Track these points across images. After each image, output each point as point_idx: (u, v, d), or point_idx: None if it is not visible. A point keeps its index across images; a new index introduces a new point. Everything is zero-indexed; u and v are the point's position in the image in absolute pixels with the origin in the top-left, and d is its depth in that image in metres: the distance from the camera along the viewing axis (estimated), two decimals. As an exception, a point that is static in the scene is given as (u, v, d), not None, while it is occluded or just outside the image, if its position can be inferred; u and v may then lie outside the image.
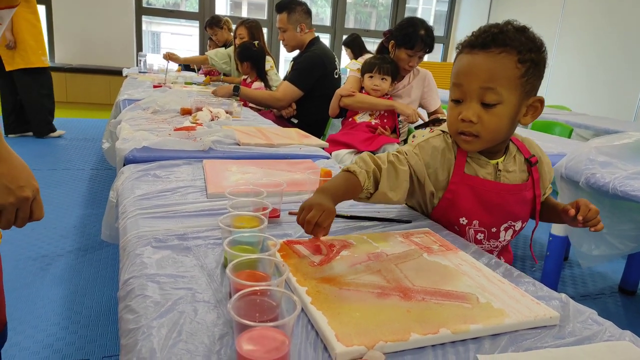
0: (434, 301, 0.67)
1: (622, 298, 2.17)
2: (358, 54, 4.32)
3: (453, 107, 0.97)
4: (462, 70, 0.94)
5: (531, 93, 0.94)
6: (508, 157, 1.03)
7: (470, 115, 0.93)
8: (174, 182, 1.17)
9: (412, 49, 2.15)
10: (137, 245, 0.81)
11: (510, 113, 0.93)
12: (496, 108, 0.92)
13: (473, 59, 0.92)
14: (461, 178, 1.01)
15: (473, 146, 0.98)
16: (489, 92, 0.91)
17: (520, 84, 0.91)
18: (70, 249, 2.18)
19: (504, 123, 0.94)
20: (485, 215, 1.02)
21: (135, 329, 0.58)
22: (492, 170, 1.01)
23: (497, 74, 0.90)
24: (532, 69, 0.91)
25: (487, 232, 1.04)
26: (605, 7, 5.00)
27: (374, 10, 7.77)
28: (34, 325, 1.59)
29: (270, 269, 0.65)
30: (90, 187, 3.06)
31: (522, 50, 0.90)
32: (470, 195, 1.01)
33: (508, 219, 1.04)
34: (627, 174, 1.54)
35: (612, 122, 3.24)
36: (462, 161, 1.01)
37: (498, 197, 1.01)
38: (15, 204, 0.72)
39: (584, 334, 0.64)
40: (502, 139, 0.99)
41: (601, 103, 4.93)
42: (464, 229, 1.03)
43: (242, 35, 3.52)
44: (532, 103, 0.96)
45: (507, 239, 1.07)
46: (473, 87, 0.92)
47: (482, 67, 0.91)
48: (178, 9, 6.63)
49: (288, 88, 2.75)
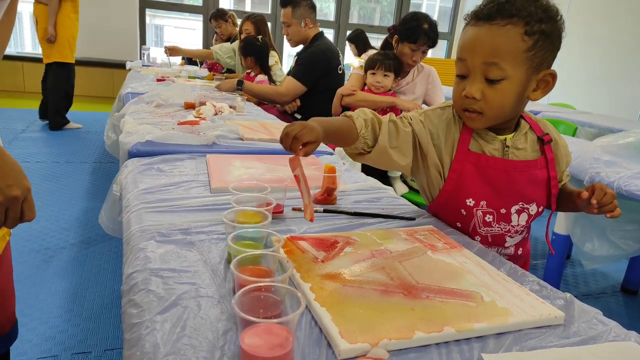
0: (438, 299, 0.67)
1: (624, 297, 2.17)
2: (362, 50, 4.31)
3: (458, 83, 0.93)
4: (466, 44, 0.90)
5: (541, 66, 0.89)
6: (518, 133, 0.98)
7: (473, 91, 0.89)
8: (178, 177, 1.17)
9: (416, 43, 2.14)
10: (141, 239, 0.81)
11: (516, 89, 0.89)
12: (501, 84, 0.88)
13: (477, 32, 0.88)
14: (465, 156, 0.97)
15: (477, 123, 0.94)
16: (493, 68, 0.87)
17: (527, 58, 0.86)
18: (73, 241, 2.18)
19: (509, 100, 0.90)
20: (492, 195, 0.97)
21: (139, 323, 0.58)
22: (500, 147, 0.97)
23: (500, 48, 0.85)
24: (542, 41, 0.86)
25: (497, 214, 0.98)
26: (610, 6, 4.97)
27: (378, 5, 7.74)
28: (36, 318, 1.60)
29: (274, 265, 0.65)
30: (93, 180, 3.06)
31: (531, 21, 0.85)
32: (475, 173, 0.97)
33: (519, 200, 0.98)
34: (631, 174, 1.53)
35: (616, 121, 3.23)
36: (467, 138, 0.98)
37: (505, 175, 0.96)
38: (3, 203, 0.69)
39: (589, 334, 0.64)
40: (509, 116, 0.95)
41: (605, 101, 4.91)
42: (471, 211, 0.98)
43: (248, 30, 3.50)
44: (543, 77, 0.90)
45: (521, 223, 1.00)
46: (476, 63, 0.88)
47: (486, 41, 0.87)
48: (182, 2, 6.60)
49: (292, 83, 2.75)
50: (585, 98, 5.05)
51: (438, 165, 1.00)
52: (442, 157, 0.99)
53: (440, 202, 1.02)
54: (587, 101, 4.95)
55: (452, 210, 1.01)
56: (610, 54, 4.91)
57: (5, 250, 0.88)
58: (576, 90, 5.17)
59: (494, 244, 1.02)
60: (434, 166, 1.00)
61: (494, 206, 0.98)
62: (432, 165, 1.00)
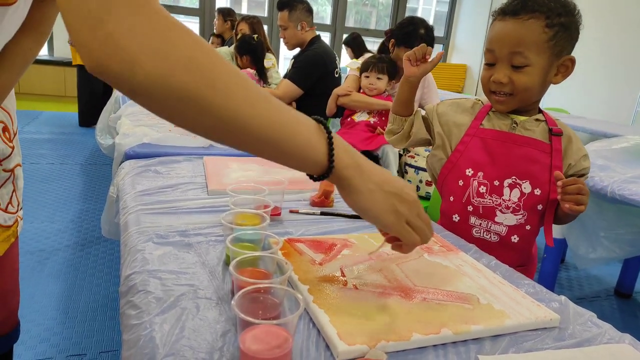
0: (435, 301, 0.68)
1: (617, 301, 2.18)
2: (358, 53, 4.32)
3: (486, 69, 1.04)
4: (494, 36, 1.01)
5: (562, 53, 0.99)
6: (531, 118, 1.06)
7: (500, 77, 1.00)
8: (175, 179, 1.17)
9: (411, 48, 2.16)
10: (139, 240, 0.81)
11: (539, 73, 0.99)
12: (525, 70, 0.98)
13: (504, 25, 0.99)
14: (475, 131, 1.08)
15: (506, 105, 1.04)
16: (518, 56, 0.97)
17: (549, 47, 0.97)
18: (67, 243, 2.17)
19: (534, 81, 0.99)
20: (489, 166, 1.05)
21: (137, 324, 0.58)
22: (509, 123, 1.06)
23: (525, 39, 0.96)
24: (562, 32, 0.97)
25: (490, 185, 1.05)
26: (604, 12, 5.01)
27: (374, 9, 7.77)
28: (30, 320, 1.59)
29: (272, 267, 0.65)
30: (88, 182, 3.05)
31: (551, 15, 0.96)
32: (480, 146, 1.06)
33: (512, 174, 1.03)
34: (625, 178, 1.55)
35: (610, 126, 3.25)
36: (481, 116, 1.09)
37: (502, 146, 1.04)
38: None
39: (584, 336, 0.64)
40: (534, 97, 1.04)
41: (599, 106, 4.94)
42: (468, 180, 1.06)
43: (243, 30, 3.51)
44: (563, 62, 1.01)
45: (513, 199, 1.03)
46: (504, 52, 0.99)
47: (512, 33, 0.97)
48: (177, 4, 6.60)
49: (288, 86, 2.75)
50: (579, 103, 5.09)
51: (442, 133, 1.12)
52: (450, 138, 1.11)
53: (444, 173, 1.11)
54: (582, 106, 4.99)
55: (451, 184, 1.09)
56: (605, 59, 4.95)
57: (11, 251, 0.87)
58: (570, 95, 5.21)
59: (485, 217, 1.06)
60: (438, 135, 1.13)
61: (489, 177, 1.05)
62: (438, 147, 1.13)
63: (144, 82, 0.43)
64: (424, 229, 0.61)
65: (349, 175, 0.56)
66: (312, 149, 0.54)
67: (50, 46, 5.98)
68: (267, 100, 0.51)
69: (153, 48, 0.43)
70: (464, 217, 1.08)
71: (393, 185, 0.58)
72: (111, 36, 0.41)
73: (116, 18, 0.41)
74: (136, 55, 0.42)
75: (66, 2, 0.41)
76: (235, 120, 0.48)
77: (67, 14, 0.42)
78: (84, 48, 0.42)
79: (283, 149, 0.53)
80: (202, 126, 0.49)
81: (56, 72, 5.39)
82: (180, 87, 0.44)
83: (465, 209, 1.07)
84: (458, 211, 1.08)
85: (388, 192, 0.58)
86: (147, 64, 0.43)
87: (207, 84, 0.46)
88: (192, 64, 0.45)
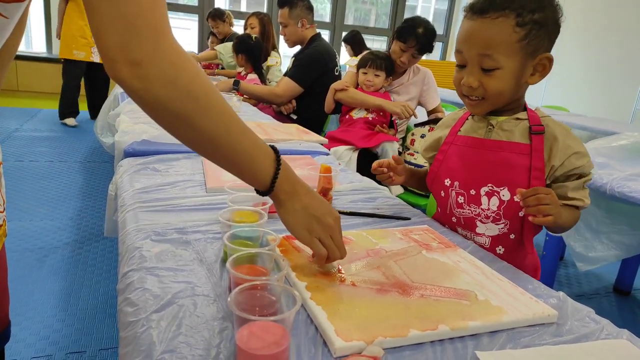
0: (433, 298, 0.68)
1: (616, 298, 2.19)
2: (357, 51, 4.31)
3: (458, 71, 0.97)
4: (462, 37, 0.94)
5: (536, 53, 0.91)
6: (510, 117, 0.99)
7: (470, 81, 0.93)
8: (173, 176, 1.17)
9: (405, 43, 2.17)
10: (137, 238, 0.81)
11: (511, 76, 0.92)
12: (495, 73, 0.91)
13: (471, 25, 0.92)
14: (453, 138, 1.05)
15: (480, 109, 0.98)
16: (486, 59, 0.91)
17: (521, 48, 0.89)
18: (67, 241, 2.17)
19: (506, 85, 0.93)
20: (464, 175, 1.00)
21: (134, 321, 0.58)
22: (484, 125, 1.01)
23: (493, 41, 0.89)
24: (536, 30, 0.88)
25: (467, 195, 1.00)
26: (603, 9, 5.01)
27: (374, 7, 7.75)
28: (30, 317, 1.59)
29: (269, 264, 0.65)
30: (87, 180, 3.05)
31: (522, 12, 0.88)
32: (455, 153, 1.03)
33: (488, 182, 0.97)
34: (624, 175, 1.55)
35: (609, 124, 3.25)
36: (461, 122, 1.05)
37: (476, 153, 0.99)
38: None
39: (582, 332, 0.64)
40: (509, 99, 0.97)
41: (598, 104, 4.94)
42: (447, 191, 1.03)
43: (252, 24, 3.50)
44: (539, 61, 0.92)
45: (492, 207, 0.97)
46: (472, 54, 0.92)
47: (479, 34, 0.91)
48: (177, 1, 6.59)
49: (288, 84, 2.75)
50: (578, 100, 5.09)
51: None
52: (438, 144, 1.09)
53: (429, 183, 1.09)
54: (581, 103, 4.98)
55: (435, 194, 1.07)
56: (604, 57, 4.95)
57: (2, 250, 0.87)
58: (570, 93, 5.21)
59: (466, 228, 1.01)
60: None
61: (465, 187, 1.00)
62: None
63: (152, 100, 0.56)
64: (333, 247, 0.72)
65: (283, 198, 0.71)
66: (262, 173, 0.68)
67: (49, 44, 5.96)
68: (240, 127, 0.64)
69: (165, 77, 0.55)
70: (452, 228, 1.04)
71: (316, 210, 0.71)
72: (135, 61, 0.53)
73: (139, 45, 0.52)
74: (151, 81, 0.54)
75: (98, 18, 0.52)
76: (213, 139, 0.62)
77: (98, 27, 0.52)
78: (110, 62, 0.53)
79: (241, 168, 0.67)
80: (186, 138, 0.62)
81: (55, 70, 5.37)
82: (179, 109, 0.57)
83: (451, 220, 1.03)
84: (446, 222, 1.05)
85: (310, 214, 0.71)
86: (160, 89, 0.55)
87: (199, 110, 0.59)
88: (192, 94, 0.57)
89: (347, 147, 2.10)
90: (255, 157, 0.67)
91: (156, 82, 0.54)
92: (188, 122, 0.59)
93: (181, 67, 0.56)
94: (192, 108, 0.58)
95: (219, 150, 0.63)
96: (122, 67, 0.52)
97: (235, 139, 0.64)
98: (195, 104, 0.58)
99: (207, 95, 0.59)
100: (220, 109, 0.61)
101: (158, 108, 0.57)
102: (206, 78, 0.60)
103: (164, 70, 0.55)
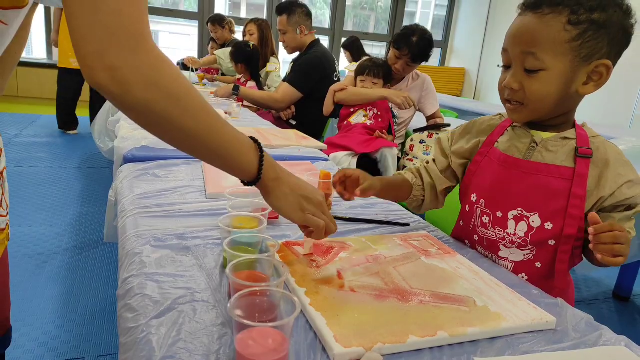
0: (432, 304, 0.68)
1: (616, 304, 2.18)
2: (357, 57, 4.34)
3: (502, 72, 0.89)
4: (509, 33, 0.86)
5: (592, 58, 0.80)
6: (557, 135, 0.89)
7: (511, 82, 0.85)
8: (173, 182, 1.17)
9: (399, 50, 2.19)
10: (137, 244, 0.81)
11: (558, 80, 0.82)
12: (539, 74, 0.82)
13: (521, 21, 0.84)
14: (488, 150, 0.95)
15: (519, 115, 0.88)
16: (530, 58, 0.82)
17: (571, 49, 0.79)
18: (66, 247, 2.17)
19: (550, 90, 0.83)
20: (492, 194, 0.92)
21: (134, 327, 0.59)
22: (527, 142, 0.90)
23: (539, 37, 0.80)
24: (593, 32, 0.79)
25: (492, 217, 0.91)
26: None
27: (373, 13, 7.79)
28: (29, 323, 1.59)
29: (269, 270, 0.66)
30: (87, 185, 3.05)
31: (579, 10, 0.78)
32: (488, 169, 0.94)
33: (518, 205, 0.88)
34: (623, 181, 1.55)
35: (608, 129, 3.26)
36: (499, 132, 0.96)
37: (509, 173, 0.89)
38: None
39: (580, 338, 0.65)
40: (553, 110, 0.86)
41: (597, 110, 4.96)
42: (472, 207, 0.95)
43: (251, 31, 3.52)
44: (595, 68, 0.81)
45: (519, 233, 0.88)
46: (516, 52, 0.84)
47: (526, 30, 0.82)
48: (177, 8, 6.62)
49: (288, 90, 2.76)
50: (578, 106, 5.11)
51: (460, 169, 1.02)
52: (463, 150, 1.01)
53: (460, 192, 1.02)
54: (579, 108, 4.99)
55: (462, 205, 1.00)
56: (602, 63, 4.97)
57: (2, 256, 0.88)
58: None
59: (488, 249, 0.94)
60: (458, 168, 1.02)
61: (491, 207, 0.92)
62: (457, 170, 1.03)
63: (133, 103, 0.56)
64: (327, 220, 0.75)
65: (271, 185, 0.72)
66: (247, 163, 0.70)
67: (49, 50, 5.98)
68: (220, 122, 0.65)
69: (144, 81, 0.55)
70: (472, 245, 0.97)
71: (303, 190, 0.75)
72: (113, 67, 0.52)
73: (118, 53, 0.52)
74: (131, 85, 0.54)
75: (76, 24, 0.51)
76: (197, 137, 0.63)
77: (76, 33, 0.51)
78: (87, 68, 0.52)
79: (228, 162, 0.69)
80: (171, 139, 0.63)
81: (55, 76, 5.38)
82: (162, 111, 0.58)
83: (473, 238, 0.96)
84: (467, 238, 0.98)
85: (299, 195, 0.74)
86: (139, 92, 0.55)
87: (181, 110, 0.59)
88: (172, 96, 0.58)
89: (346, 153, 2.11)
90: (239, 149, 0.68)
91: (135, 86, 0.54)
92: (172, 123, 0.59)
93: (161, 69, 0.56)
94: (174, 109, 0.58)
95: (204, 146, 0.64)
96: (99, 74, 0.52)
97: (218, 135, 0.65)
98: (176, 104, 0.58)
99: (188, 95, 0.60)
100: (200, 107, 0.62)
101: (140, 111, 0.57)
102: (185, 79, 0.61)
103: (144, 74, 0.54)
